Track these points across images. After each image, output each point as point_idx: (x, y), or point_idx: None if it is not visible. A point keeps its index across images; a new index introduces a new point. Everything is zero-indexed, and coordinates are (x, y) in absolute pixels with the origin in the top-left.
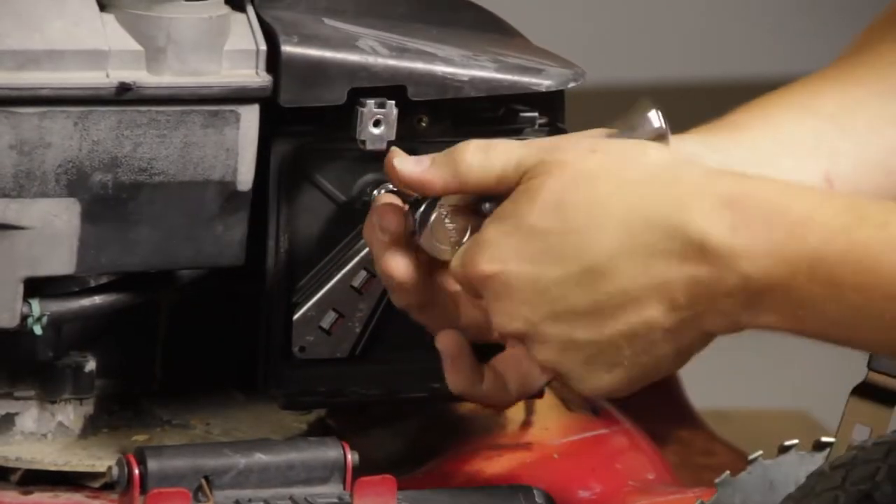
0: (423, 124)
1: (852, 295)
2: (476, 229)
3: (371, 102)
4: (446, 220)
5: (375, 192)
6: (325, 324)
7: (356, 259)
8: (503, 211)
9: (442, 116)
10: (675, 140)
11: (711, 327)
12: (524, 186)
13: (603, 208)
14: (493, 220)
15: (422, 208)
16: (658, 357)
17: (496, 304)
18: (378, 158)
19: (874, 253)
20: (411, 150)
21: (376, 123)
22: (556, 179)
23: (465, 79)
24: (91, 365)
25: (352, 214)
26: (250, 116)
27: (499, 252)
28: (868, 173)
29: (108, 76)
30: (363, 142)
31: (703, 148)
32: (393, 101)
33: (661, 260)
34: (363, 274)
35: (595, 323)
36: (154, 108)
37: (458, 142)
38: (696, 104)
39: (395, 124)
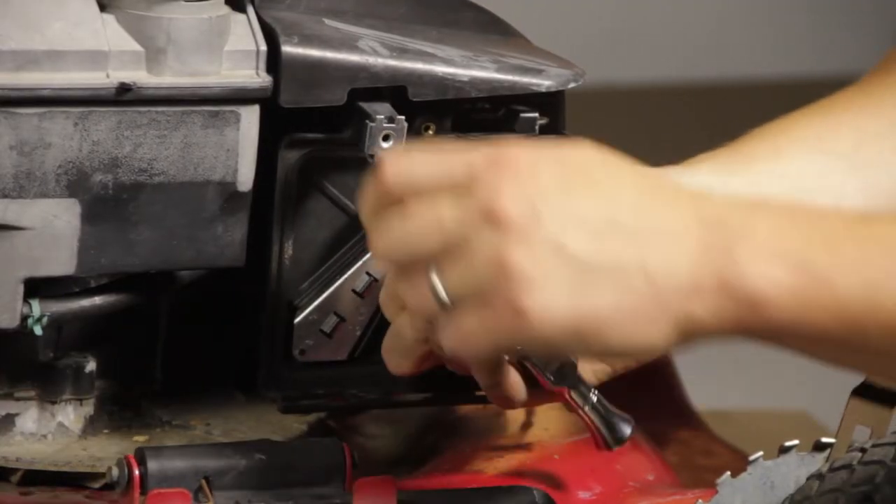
0: (430, 132)
1: (869, 271)
2: None
3: (381, 117)
4: None
5: None
6: (327, 327)
7: (358, 263)
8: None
9: (443, 120)
10: (687, 170)
11: (697, 313)
12: None
13: (643, 172)
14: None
15: None
16: (617, 306)
17: (509, 182)
18: None
19: (890, 237)
20: None
21: (386, 138)
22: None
23: (466, 79)
24: (91, 365)
25: (356, 220)
26: (251, 117)
27: (535, 158)
28: (877, 207)
29: (108, 77)
30: (371, 156)
31: (713, 178)
32: (403, 117)
33: (683, 217)
34: (365, 278)
35: (597, 240)
36: (154, 109)
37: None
38: (696, 104)
39: (405, 138)
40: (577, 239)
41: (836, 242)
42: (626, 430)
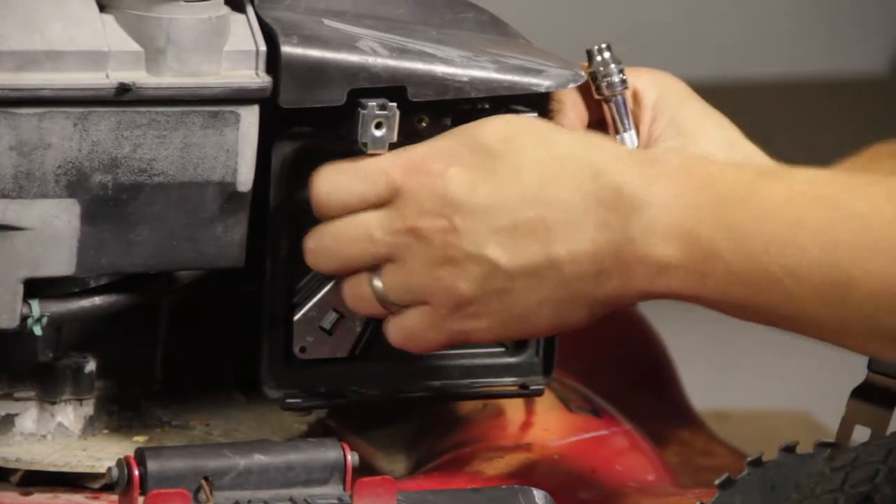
0: (424, 125)
1: (752, 241)
2: None
3: (373, 105)
4: None
5: None
6: (326, 324)
7: None
8: (453, 129)
9: (442, 117)
10: None
11: (606, 292)
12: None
13: (546, 143)
14: (442, 135)
15: None
16: (540, 301)
17: (425, 195)
18: None
19: (774, 203)
20: None
21: (378, 126)
22: (507, 118)
23: (465, 79)
24: (91, 366)
25: None
26: (250, 117)
27: (444, 155)
28: None
29: (107, 77)
30: (364, 144)
31: None
32: (395, 104)
33: (582, 197)
34: None
35: (510, 245)
36: (154, 109)
37: None
38: None
39: (397, 126)
40: (493, 249)
41: (724, 211)
42: None
